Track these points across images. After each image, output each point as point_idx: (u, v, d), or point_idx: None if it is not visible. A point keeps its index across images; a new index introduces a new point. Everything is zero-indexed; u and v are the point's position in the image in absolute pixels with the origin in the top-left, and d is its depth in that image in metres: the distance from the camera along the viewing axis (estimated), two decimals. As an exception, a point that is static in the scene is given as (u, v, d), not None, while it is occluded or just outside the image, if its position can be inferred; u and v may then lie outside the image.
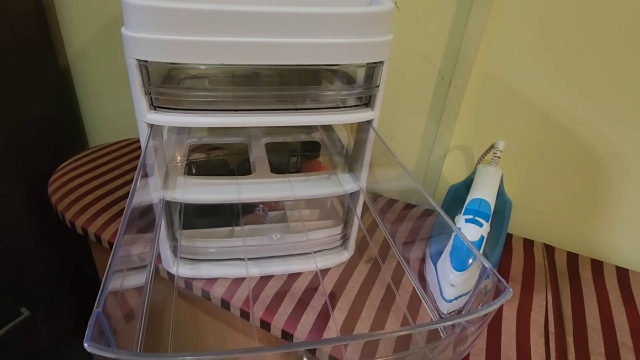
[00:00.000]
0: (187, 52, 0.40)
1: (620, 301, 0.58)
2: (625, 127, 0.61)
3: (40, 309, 0.98)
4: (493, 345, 0.50)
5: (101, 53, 0.94)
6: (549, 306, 0.56)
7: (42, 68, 0.91)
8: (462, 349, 0.32)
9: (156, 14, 0.38)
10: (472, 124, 0.71)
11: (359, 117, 0.49)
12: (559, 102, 0.63)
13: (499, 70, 0.65)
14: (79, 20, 0.92)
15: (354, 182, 0.54)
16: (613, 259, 0.68)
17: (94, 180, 0.77)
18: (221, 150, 0.69)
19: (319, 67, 0.44)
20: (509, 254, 0.67)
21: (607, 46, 0.57)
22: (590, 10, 0.56)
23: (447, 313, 0.48)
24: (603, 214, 0.68)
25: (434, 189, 0.79)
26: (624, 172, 0.64)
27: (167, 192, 0.50)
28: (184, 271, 0.56)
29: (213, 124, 0.47)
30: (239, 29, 0.39)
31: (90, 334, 0.22)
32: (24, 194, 0.90)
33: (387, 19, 0.44)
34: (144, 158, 0.41)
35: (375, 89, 0.48)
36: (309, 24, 0.41)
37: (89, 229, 0.65)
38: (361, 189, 0.54)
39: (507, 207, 0.63)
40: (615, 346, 0.51)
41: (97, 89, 1.01)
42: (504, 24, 0.62)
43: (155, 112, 0.44)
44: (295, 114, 0.47)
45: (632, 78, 0.58)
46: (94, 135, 1.08)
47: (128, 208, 0.33)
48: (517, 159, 0.69)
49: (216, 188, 0.52)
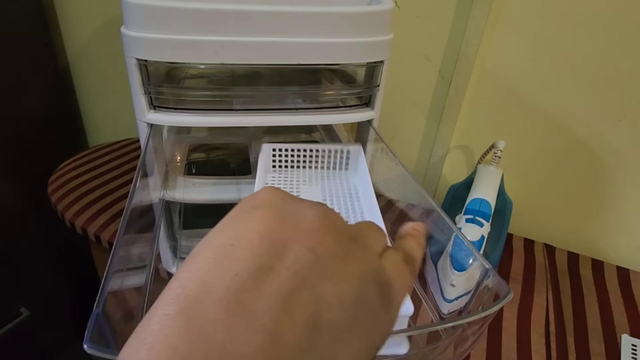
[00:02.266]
0: (187, 51, 0.40)
1: (621, 301, 0.58)
2: (625, 127, 0.61)
3: (40, 309, 0.97)
4: (494, 345, 0.50)
5: (101, 53, 0.94)
6: (549, 306, 0.56)
7: (42, 68, 0.91)
8: (463, 349, 0.32)
9: (156, 14, 0.38)
10: (472, 124, 0.71)
11: (359, 117, 0.49)
12: (559, 102, 0.63)
13: (499, 70, 0.65)
14: (79, 20, 0.92)
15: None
16: (613, 258, 0.68)
17: (94, 180, 0.76)
18: (221, 150, 0.69)
19: (319, 66, 0.44)
20: (509, 254, 0.66)
21: (607, 46, 0.57)
22: (590, 10, 0.56)
23: (448, 313, 0.48)
24: (603, 214, 0.68)
25: (434, 189, 0.79)
26: (624, 172, 0.63)
27: (167, 192, 0.50)
28: (184, 271, 0.56)
29: (213, 124, 0.47)
30: (239, 28, 0.39)
31: (89, 335, 0.21)
32: (24, 194, 0.90)
33: (387, 19, 0.44)
34: (144, 158, 0.40)
35: (376, 89, 0.48)
36: (309, 23, 0.41)
37: (88, 228, 0.65)
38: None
39: (508, 207, 0.63)
40: (616, 346, 0.51)
41: (97, 89, 1.01)
42: (504, 23, 0.61)
43: (155, 111, 0.44)
44: (295, 114, 0.47)
45: (632, 78, 0.58)
46: (94, 135, 1.08)
47: (128, 208, 0.33)
48: (518, 159, 0.69)
49: (216, 188, 0.52)
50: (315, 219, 0.17)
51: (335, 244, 0.16)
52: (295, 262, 0.15)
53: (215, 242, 0.15)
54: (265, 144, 0.51)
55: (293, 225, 0.16)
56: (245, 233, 0.15)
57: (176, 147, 0.59)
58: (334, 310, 0.15)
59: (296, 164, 0.52)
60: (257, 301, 0.13)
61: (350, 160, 0.50)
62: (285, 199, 0.18)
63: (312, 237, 0.16)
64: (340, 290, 0.15)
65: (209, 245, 0.15)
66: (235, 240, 0.15)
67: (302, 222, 0.16)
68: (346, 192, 0.50)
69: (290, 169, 0.53)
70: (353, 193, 0.49)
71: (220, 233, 0.16)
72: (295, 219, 0.16)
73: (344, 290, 0.15)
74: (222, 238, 0.15)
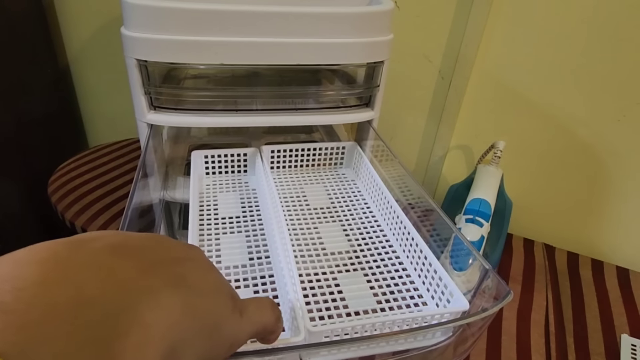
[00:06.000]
0: (187, 52, 0.40)
1: (621, 301, 0.58)
2: (625, 127, 0.61)
3: (40, 309, 0.97)
4: (493, 345, 0.50)
5: (101, 53, 0.94)
6: (549, 306, 0.56)
7: (42, 68, 0.91)
8: (463, 349, 0.32)
9: (156, 14, 0.38)
10: (472, 124, 0.71)
11: (359, 117, 0.49)
12: (559, 102, 0.63)
13: (499, 70, 0.65)
14: (79, 20, 0.92)
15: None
16: (613, 258, 0.68)
17: (94, 180, 0.76)
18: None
19: (319, 67, 0.44)
20: (509, 254, 0.66)
21: (607, 46, 0.57)
22: (590, 10, 0.56)
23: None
24: (603, 214, 0.68)
25: (434, 189, 0.79)
26: (624, 172, 0.63)
27: (167, 192, 0.50)
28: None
29: (213, 124, 0.47)
30: (239, 29, 0.39)
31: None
32: (24, 194, 0.90)
33: (387, 19, 0.44)
34: (144, 158, 0.40)
35: (376, 89, 0.48)
36: (309, 23, 0.41)
37: (88, 229, 0.65)
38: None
39: (508, 207, 0.63)
40: (616, 346, 0.51)
41: (97, 89, 1.01)
42: (504, 24, 0.61)
43: (155, 112, 0.44)
44: (295, 114, 0.47)
45: (632, 78, 0.58)
46: (94, 135, 1.08)
47: (128, 208, 0.33)
48: (518, 159, 0.69)
49: (216, 188, 0.52)
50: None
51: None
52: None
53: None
54: (265, 146, 0.51)
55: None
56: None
57: (176, 147, 0.59)
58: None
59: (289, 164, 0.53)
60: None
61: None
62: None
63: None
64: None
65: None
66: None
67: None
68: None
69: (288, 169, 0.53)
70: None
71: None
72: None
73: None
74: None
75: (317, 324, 0.32)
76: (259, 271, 0.38)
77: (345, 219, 0.45)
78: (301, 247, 0.41)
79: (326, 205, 0.47)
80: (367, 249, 0.41)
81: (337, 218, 0.46)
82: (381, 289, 0.36)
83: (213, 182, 0.50)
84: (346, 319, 0.33)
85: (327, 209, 0.47)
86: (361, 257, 0.40)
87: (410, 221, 0.39)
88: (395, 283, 0.37)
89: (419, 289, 0.37)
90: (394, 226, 0.42)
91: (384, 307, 0.35)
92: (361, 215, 0.46)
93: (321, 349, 0.27)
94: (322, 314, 0.33)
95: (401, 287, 0.37)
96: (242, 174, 0.52)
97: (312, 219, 0.45)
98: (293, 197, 0.48)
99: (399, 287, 0.37)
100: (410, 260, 0.39)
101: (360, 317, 0.34)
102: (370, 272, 0.38)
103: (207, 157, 0.50)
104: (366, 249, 0.41)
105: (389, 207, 0.43)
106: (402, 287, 0.37)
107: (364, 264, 0.39)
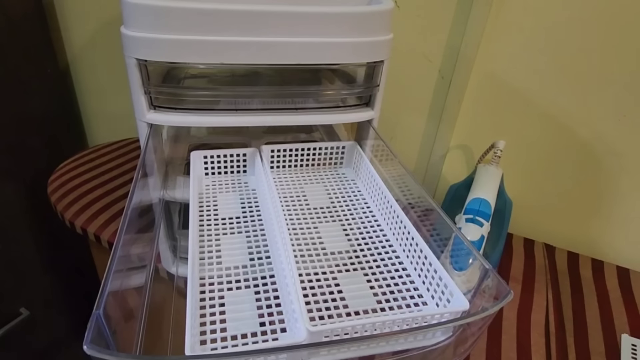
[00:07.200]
0: (187, 51, 0.40)
1: (621, 301, 0.58)
2: (625, 127, 0.61)
3: (39, 310, 0.97)
4: (494, 345, 0.50)
5: (101, 53, 0.94)
6: (549, 306, 0.56)
7: (42, 68, 0.91)
8: (463, 349, 0.32)
9: (155, 14, 0.38)
10: (472, 124, 0.71)
11: (359, 116, 0.49)
12: (559, 101, 0.63)
13: (499, 70, 0.65)
14: (79, 20, 0.92)
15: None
16: (613, 258, 0.68)
17: (94, 180, 0.76)
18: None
19: (319, 66, 0.44)
20: (509, 254, 0.66)
21: (607, 46, 0.57)
22: (590, 10, 0.56)
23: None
24: (603, 214, 0.68)
25: (434, 189, 0.79)
26: (624, 172, 0.63)
27: (167, 192, 0.50)
28: (184, 271, 0.56)
29: (213, 124, 0.47)
30: (239, 28, 0.39)
31: (89, 336, 0.21)
32: (24, 193, 0.90)
33: (387, 19, 0.44)
34: (144, 158, 0.40)
35: (376, 89, 0.48)
36: (309, 23, 0.41)
37: (88, 228, 0.65)
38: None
39: (508, 206, 0.63)
40: (616, 346, 0.51)
41: (97, 89, 1.01)
42: (504, 24, 0.61)
43: (155, 111, 0.44)
44: (295, 114, 0.47)
45: (632, 78, 0.58)
46: (94, 135, 1.08)
47: (128, 208, 0.33)
48: (518, 158, 0.69)
49: (216, 188, 0.52)
50: None
51: None
52: None
53: None
54: (264, 146, 0.51)
55: None
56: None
57: (176, 147, 0.59)
58: None
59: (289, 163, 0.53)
60: None
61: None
62: None
63: None
64: None
65: None
66: None
67: None
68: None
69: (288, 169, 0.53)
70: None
71: None
72: None
73: None
74: None
75: (317, 324, 0.32)
76: (259, 272, 0.38)
77: (345, 219, 0.45)
78: (301, 247, 0.41)
79: (326, 205, 0.47)
80: (367, 248, 0.41)
81: (337, 218, 0.45)
82: (381, 289, 0.36)
83: (213, 182, 0.50)
84: (346, 319, 0.33)
85: (327, 209, 0.47)
86: (361, 257, 0.40)
87: (410, 221, 0.39)
88: (395, 283, 0.37)
89: (419, 288, 0.36)
90: (394, 226, 0.42)
91: (384, 307, 0.35)
92: (361, 215, 0.46)
93: (321, 349, 0.27)
94: (322, 314, 0.33)
95: (401, 287, 0.37)
96: (241, 174, 0.52)
97: (312, 218, 0.45)
98: (293, 197, 0.48)
99: (399, 287, 0.37)
100: (410, 260, 0.39)
101: (360, 317, 0.33)
102: (370, 272, 0.38)
103: (207, 157, 0.50)
104: (366, 249, 0.41)
105: (389, 207, 0.43)
106: (402, 287, 0.37)
107: (364, 264, 0.39)
